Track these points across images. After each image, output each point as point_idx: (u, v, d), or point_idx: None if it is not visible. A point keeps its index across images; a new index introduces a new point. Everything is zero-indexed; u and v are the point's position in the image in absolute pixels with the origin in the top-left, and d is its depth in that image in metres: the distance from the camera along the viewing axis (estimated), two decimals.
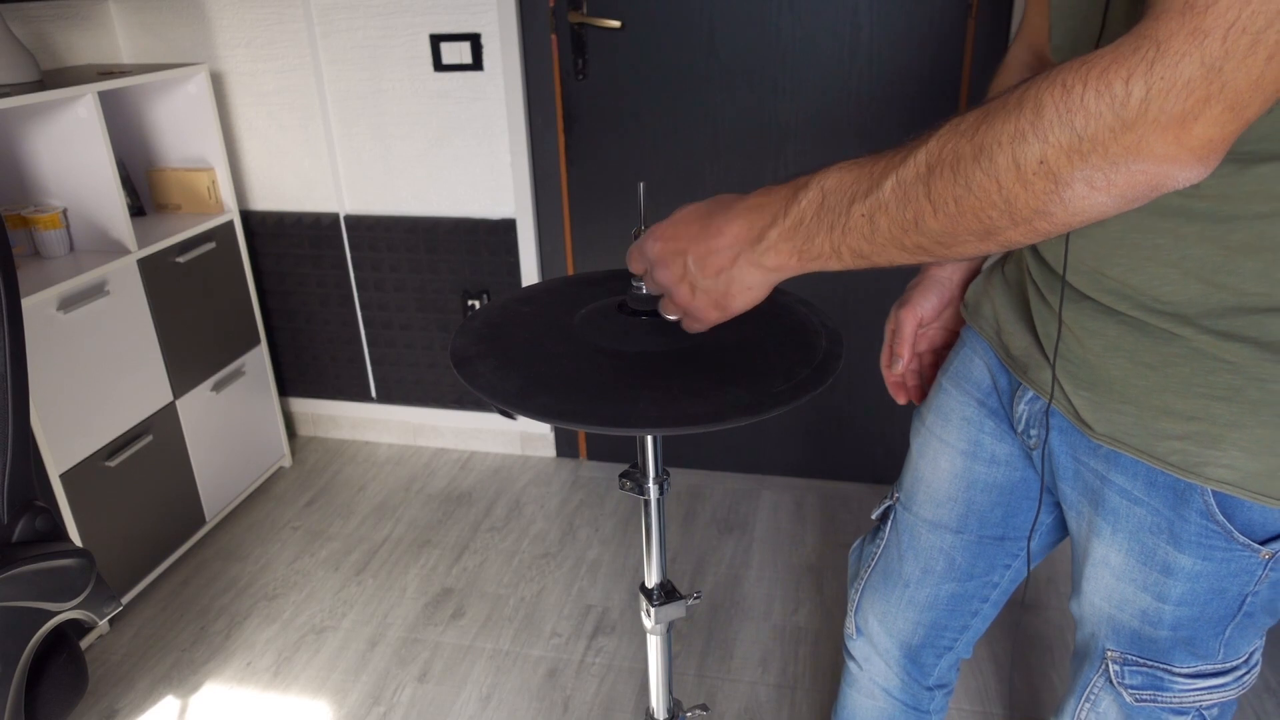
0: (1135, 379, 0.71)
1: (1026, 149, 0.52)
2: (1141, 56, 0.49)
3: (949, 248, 0.58)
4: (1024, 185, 0.53)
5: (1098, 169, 0.51)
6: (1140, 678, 0.82)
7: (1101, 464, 0.77)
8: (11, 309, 0.95)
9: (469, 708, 1.71)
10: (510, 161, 2.23)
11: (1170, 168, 0.50)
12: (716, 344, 0.78)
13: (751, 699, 1.70)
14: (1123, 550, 0.78)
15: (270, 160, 2.38)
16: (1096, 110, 0.50)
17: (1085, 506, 0.81)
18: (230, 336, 2.27)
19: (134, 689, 1.78)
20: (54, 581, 0.97)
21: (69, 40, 2.20)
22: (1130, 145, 0.50)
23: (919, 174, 0.56)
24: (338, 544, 2.20)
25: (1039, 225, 0.54)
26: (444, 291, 2.41)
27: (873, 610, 1.06)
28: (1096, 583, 0.82)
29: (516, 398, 0.72)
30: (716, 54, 2.02)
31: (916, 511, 0.98)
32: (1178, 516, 0.73)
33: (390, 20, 2.16)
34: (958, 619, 1.01)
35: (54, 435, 1.75)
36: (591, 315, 0.82)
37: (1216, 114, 0.48)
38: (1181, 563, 0.75)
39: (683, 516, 2.27)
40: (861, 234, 0.60)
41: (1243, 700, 1.65)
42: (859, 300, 2.19)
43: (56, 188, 1.92)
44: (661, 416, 0.71)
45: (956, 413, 0.92)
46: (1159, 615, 0.78)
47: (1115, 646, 0.83)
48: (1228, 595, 0.75)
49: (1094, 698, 0.89)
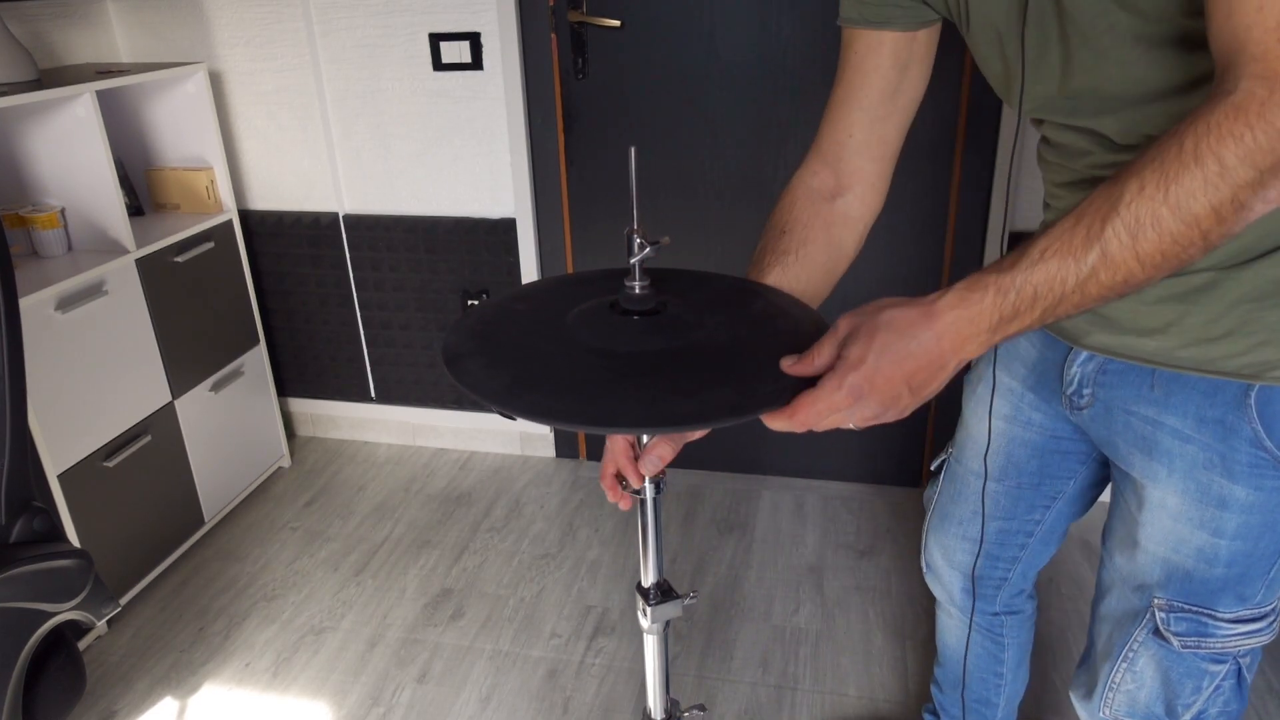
0: (1184, 319, 0.82)
1: (1219, 195, 0.62)
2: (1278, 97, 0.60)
3: (1142, 287, 0.67)
4: (1219, 221, 0.63)
5: (1273, 188, 0.62)
6: (1186, 624, 0.91)
7: (1153, 409, 0.87)
8: (9, 309, 0.95)
9: (469, 708, 1.70)
10: (510, 161, 2.23)
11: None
12: (709, 345, 0.78)
13: (751, 699, 1.70)
14: (1179, 491, 0.87)
15: (269, 160, 2.38)
16: (1269, 146, 0.60)
17: (1138, 456, 0.90)
18: (229, 336, 2.26)
19: (132, 690, 1.78)
20: (52, 582, 0.96)
21: (67, 39, 2.20)
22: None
23: (1123, 243, 0.64)
24: (337, 544, 2.20)
25: (1220, 244, 0.64)
26: (443, 291, 2.41)
27: (937, 546, 1.24)
28: (1154, 529, 0.91)
29: (504, 395, 0.71)
30: (716, 54, 2.02)
31: (966, 464, 1.15)
32: (1228, 448, 0.83)
33: (389, 19, 2.15)
34: (1007, 551, 1.18)
35: (52, 435, 1.74)
36: (584, 314, 0.82)
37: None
38: (1236, 494, 0.84)
39: (683, 516, 2.27)
40: (1071, 305, 0.67)
41: None
42: (858, 303, 2.19)
43: (55, 187, 1.91)
44: (646, 416, 0.70)
45: (1003, 385, 1.08)
46: (1215, 552, 0.87)
47: (1165, 595, 0.92)
48: (1279, 529, 0.84)
49: (1132, 656, 0.97)
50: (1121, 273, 0.65)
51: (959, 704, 1.38)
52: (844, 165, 0.96)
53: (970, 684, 1.34)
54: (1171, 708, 0.97)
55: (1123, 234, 0.64)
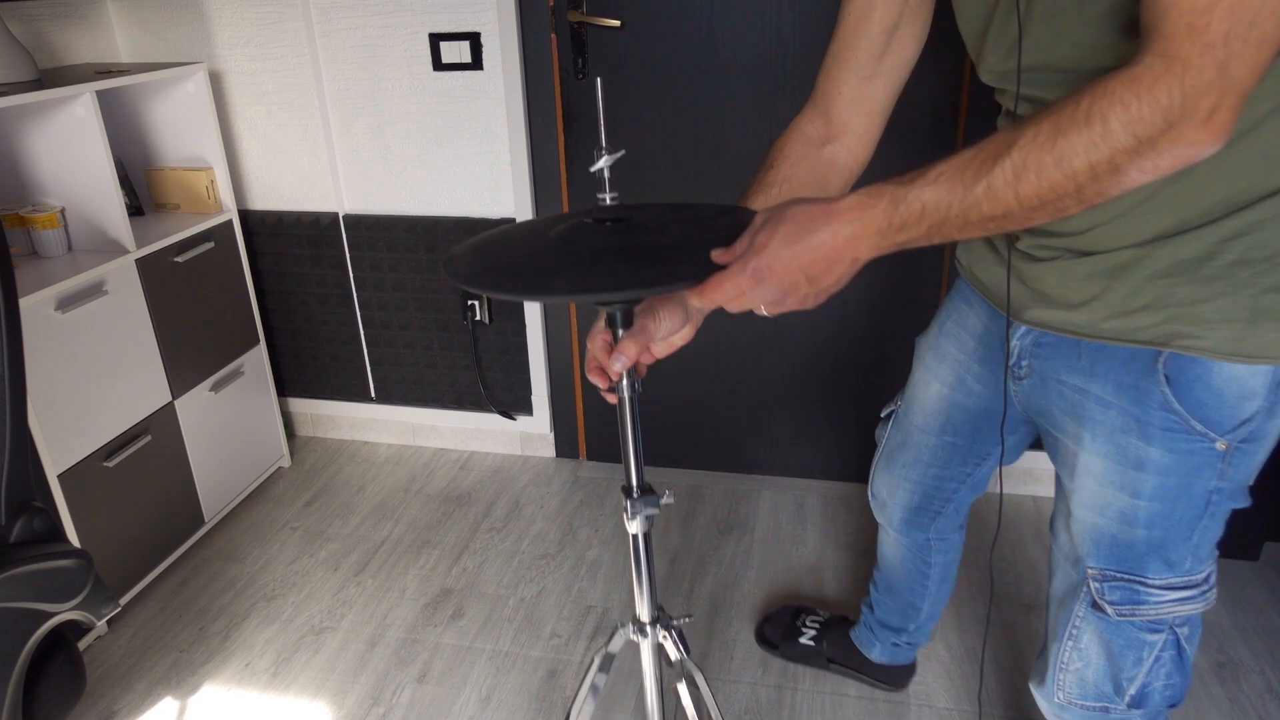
0: (1107, 293, 0.90)
1: (1098, 154, 0.69)
2: (1175, 73, 0.66)
3: (1020, 225, 0.75)
4: (1093, 179, 0.70)
5: (1148, 159, 0.68)
6: (1119, 592, 0.98)
7: (1081, 378, 0.96)
8: (9, 309, 0.95)
9: (469, 709, 1.70)
10: (510, 161, 2.23)
11: (1202, 149, 0.68)
12: (658, 244, 0.87)
13: (752, 699, 1.70)
14: (1102, 454, 0.95)
15: (269, 160, 2.38)
16: (1150, 119, 0.67)
17: (1069, 423, 0.99)
18: (229, 336, 2.26)
19: (132, 690, 1.78)
20: (52, 582, 0.96)
21: (67, 39, 2.20)
22: (1174, 139, 0.67)
23: (1007, 180, 0.72)
24: (337, 544, 2.20)
25: (1095, 202, 0.72)
26: (443, 291, 2.41)
27: (882, 481, 1.42)
28: (1082, 494, 0.99)
29: (473, 279, 0.84)
30: (716, 54, 2.02)
31: (911, 418, 1.31)
32: (1142, 410, 0.91)
33: (389, 19, 2.15)
34: (941, 493, 1.35)
35: (52, 435, 1.74)
36: (566, 228, 0.91)
37: (1231, 102, 0.67)
38: (1152, 456, 0.92)
39: (683, 516, 2.27)
40: (955, 228, 0.76)
41: (1245, 702, 1.65)
42: (860, 286, 2.19)
43: (54, 187, 1.91)
44: (569, 287, 0.83)
45: (950, 356, 1.20)
46: (1134, 513, 0.95)
47: (1096, 563, 1.00)
48: (1194, 493, 0.92)
49: (1075, 633, 1.04)
50: (1001, 207, 0.73)
51: (889, 603, 1.59)
52: (834, 117, 1.05)
53: (899, 590, 1.55)
54: (1118, 684, 1.03)
55: (1009, 173, 0.72)
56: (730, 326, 2.23)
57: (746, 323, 2.22)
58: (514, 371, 2.46)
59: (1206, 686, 1.69)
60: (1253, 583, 1.94)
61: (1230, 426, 0.88)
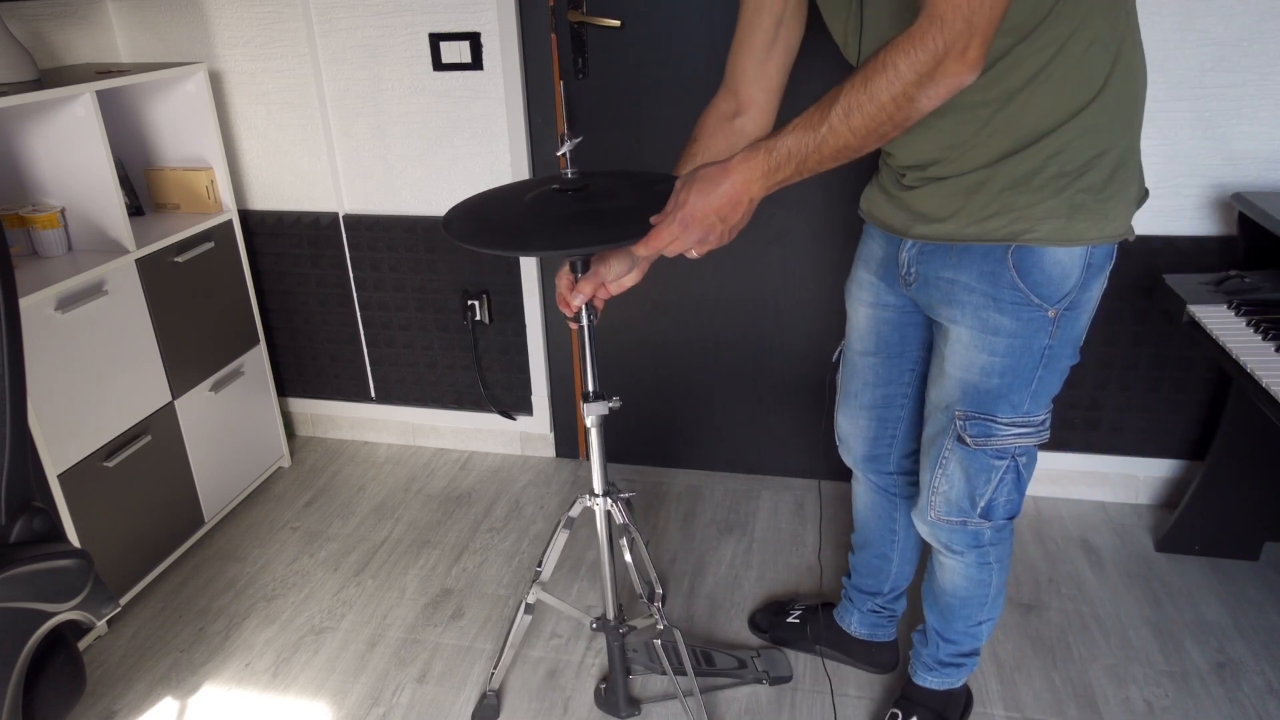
0: (967, 206, 1.17)
1: (895, 89, 0.97)
2: (937, 26, 0.93)
3: (859, 152, 1.02)
4: (898, 109, 0.98)
5: (929, 88, 0.96)
6: (977, 428, 1.26)
7: (952, 272, 1.22)
8: (9, 309, 0.95)
9: (469, 708, 1.70)
10: (510, 161, 2.23)
11: (964, 77, 0.96)
12: (612, 209, 1.21)
13: (752, 699, 1.70)
14: (968, 326, 1.22)
15: (269, 160, 2.38)
16: (925, 60, 0.94)
17: (945, 308, 1.25)
18: (229, 336, 2.26)
19: (132, 690, 1.78)
20: (52, 582, 0.96)
21: (67, 39, 2.20)
22: (943, 72, 0.95)
23: (841, 119, 1.00)
24: (337, 544, 2.20)
25: (906, 124, 1.00)
26: (443, 291, 2.41)
27: (843, 418, 1.56)
28: (954, 358, 1.25)
29: (469, 238, 1.17)
30: (716, 54, 2.02)
31: (853, 347, 1.49)
32: (996, 290, 1.17)
33: (389, 19, 2.15)
34: (891, 413, 1.50)
35: (52, 435, 1.74)
36: (538, 195, 1.25)
37: (979, 41, 0.94)
38: (1004, 323, 1.19)
39: (683, 516, 2.27)
40: (815, 163, 1.04)
41: (1245, 702, 1.65)
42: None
43: (54, 187, 1.91)
44: (544, 244, 1.19)
45: (866, 282, 1.42)
46: (992, 367, 1.22)
47: (962, 407, 1.26)
48: (1033, 350, 1.20)
49: (944, 462, 1.31)
50: (842, 140, 1.01)
51: (864, 563, 1.70)
52: (741, 93, 1.32)
53: (872, 541, 1.66)
54: (973, 500, 1.31)
55: (841, 113, 1.00)
56: (731, 327, 2.23)
57: (747, 323, 2.22)
58: (514, 371, 2.46)
59: (1206, 686, 1.69)
60: (1253, 583, 1.95)
61: (1057, 298, 1.16)
